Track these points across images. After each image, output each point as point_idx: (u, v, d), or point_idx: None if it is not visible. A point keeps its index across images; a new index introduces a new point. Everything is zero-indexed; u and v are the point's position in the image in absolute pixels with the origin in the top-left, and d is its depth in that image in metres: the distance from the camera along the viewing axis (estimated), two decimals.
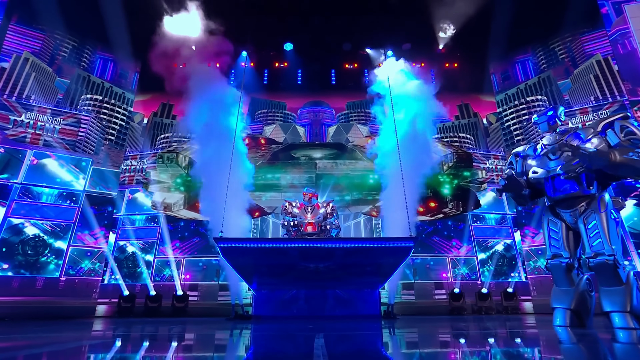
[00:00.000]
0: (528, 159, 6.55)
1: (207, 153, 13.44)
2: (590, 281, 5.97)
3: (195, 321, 9.81)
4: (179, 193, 19.63)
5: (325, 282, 10.24)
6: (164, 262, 18.70)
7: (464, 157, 20.34)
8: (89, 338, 5.28)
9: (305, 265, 9.22)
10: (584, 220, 5.76)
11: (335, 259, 8.97)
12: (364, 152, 21.54)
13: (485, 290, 13.14)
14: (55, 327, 6.84)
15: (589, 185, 5.84)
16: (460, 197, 19.79)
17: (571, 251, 5.93)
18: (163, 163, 19.72)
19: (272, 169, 20.33)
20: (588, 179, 5.80)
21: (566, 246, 5.94)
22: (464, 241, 19.32)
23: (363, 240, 10.42)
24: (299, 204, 12.10)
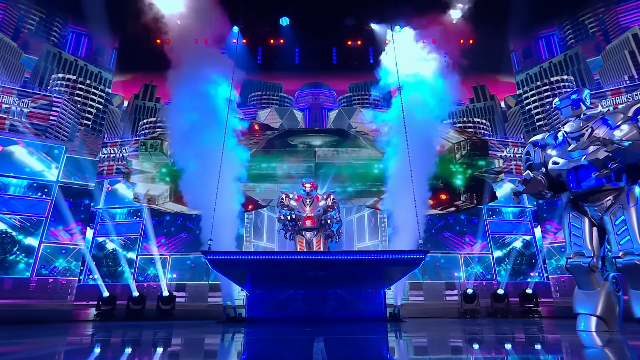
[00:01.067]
0: (548, 149, 6.47)
1: (194, 140, 13.39)
2: (617, 280, 5.94)
3: (182, 325, 9.87)
4: (164, 184, 19.63)
5: (326, 284, 10.32)
6: (148, 260, 18.78)
7: (479, 145, 20.29)
8: (65, 344, 5.31)
9: (304, 273, 9.36)
10: (610, 215, 5.69)
11: (337, 268, 9.11)
12: (369, 139, 21.51)
13: (501, 291, 13.19)
14: (26, 332, 6.88)
15: (618, 177, 5.72)
16: (475, 188, 19.80)
17: (595, 250, 5.84)
18: (146, 151, 19.69)
19: (267, 157, 20.30)
20: (616, 171, 5.74)
21: (589, 244, 5.86)
22: (478, 237, 19.37)
23: (367, 253, 10.56)
24: (297, 196, 12.12)
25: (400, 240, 13.21)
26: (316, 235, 11.76)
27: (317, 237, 11.74)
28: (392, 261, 9.26)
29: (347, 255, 8.85)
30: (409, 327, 8.06)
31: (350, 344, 4.61)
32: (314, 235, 11.75)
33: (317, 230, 11.81)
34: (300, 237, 11.86)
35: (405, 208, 11.91)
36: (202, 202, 12.32)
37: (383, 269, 9.42)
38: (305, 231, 11.79)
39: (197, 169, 12.93)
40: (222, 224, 11.62)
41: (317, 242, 11.74)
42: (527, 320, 11.22)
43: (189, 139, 13.62)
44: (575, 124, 6.23)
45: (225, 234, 12.02)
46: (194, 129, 13.43)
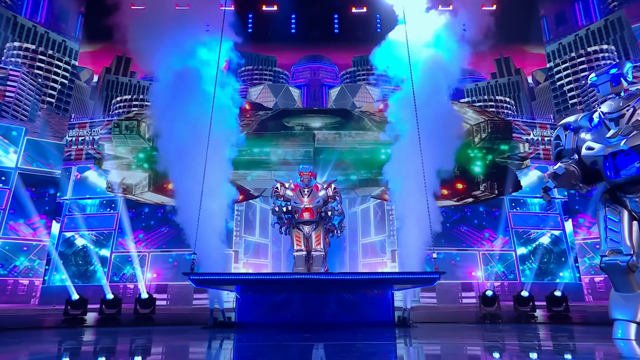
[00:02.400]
0: (581, 132, 6.39)
1: (177, 122, 13.34)
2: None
3: (164, 331, 9.92)
4: (142, 171, 19.57)
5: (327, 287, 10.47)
6: (124, 258, 18.76)
7: (502, 126, 20.17)
8: (26, 355, 5.32)
9: (303, 288, 9.63)
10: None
11: (339, 285, 9.33)
12: (375, 121, 21.44)
13: (525, 293, 13.26)
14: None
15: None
16: (496, 176, 19.72)
17: (635, 246, 5.77)
18: (120, 133, 19.56)
19: (259, 141, 20.26)
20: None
21: (628, 240, 5.79)
22: (499, 232, 19.33)
23: (373, 274, 10.73)
24: (294, 185, 12.10)
25: (410, 234, 13.23)
26: (315, 230, 11.76)
27: (317, 232, 11.74)
28: (401, 280, 9.57)
29: (350, 276, 9.01)
30: (420, 333, 8.10)
31: (353, 352, 4.62)
32: (313, 229, 11.74)
33: (317, 224, 11.81)
34: (297, 231, 11.87)
35: (415, 199, 11.94)
36: (185, 193, 12.33)
37: (391, 284, 9.69)
38: (303, 225, 11.79)
39: (179, 155, 12.90)
40: (208, 218, 11.64)
41: (317, 237, 11.75)
42: (556, 326, 11.28)
43: (169, 121, 13.57)
44: (614, 103, 6.15)
45: (211, 227, 12.04)
46: (175, 110, 13.36)
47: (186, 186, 12.12)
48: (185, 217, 12.85)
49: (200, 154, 11.14)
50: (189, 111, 13.10)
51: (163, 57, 13.77)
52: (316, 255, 11.64)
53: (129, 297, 16.07)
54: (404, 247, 14.45)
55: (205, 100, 12.50)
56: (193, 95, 13.35)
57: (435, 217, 11.92)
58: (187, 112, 13.15)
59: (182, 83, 13.59)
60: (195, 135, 11.99)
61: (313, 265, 11.94)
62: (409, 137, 13.05)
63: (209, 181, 11.24)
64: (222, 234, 13.59)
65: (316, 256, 11.64)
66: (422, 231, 11.75)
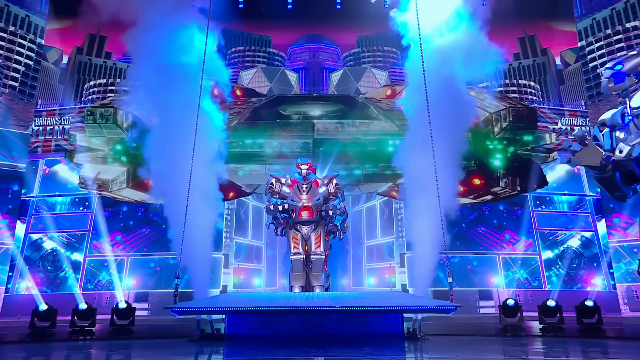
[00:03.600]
0: (617, 130, 6.29)
1: (160, 109, 13.28)
2: None
3: (144, 345, 9.86)
4: (119, 165, 19.45)
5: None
6: (99, 263, 18.68)
7: (525, 114, 19.99)
8: None
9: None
10: None
11: (344, 316, 9.40)
12: (382, 108, 21.35)
13: (552, 302, 13.17)
14: None
15: None
16: (518, 171, 19.58)
17: None
18: (95, 122, 19.40)
19: (252, 131, 20.17)
20: None
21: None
22: (521, 233, 19.22)
23: (381, 298, 10.68)
24: (291, 181, 12.06)
25: (420, 236, 13.18)
26: (315, 231, 11.72)
27: (316, 233, 11.71)
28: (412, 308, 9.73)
29: (354, 305, 8.97)
30: (432, 347, 8.04)
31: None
32: (312, 230, 11.71)
33: (316, 224, 11.77)
34: (295, 232, 11.83)
35: (426, 196, 11.89)
36: (169, 191, 12.27)
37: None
38: (301, 225, 11.72)
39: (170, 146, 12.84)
40: (194, 217, 11.58)
41: (316, 240, 11.72)
42: (587, 341, 11.21)
43: (150, 110, 13.51)
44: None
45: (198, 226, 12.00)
46: (157, 97, 13.31)
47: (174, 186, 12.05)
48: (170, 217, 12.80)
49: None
50: (170, 98, 13.02)
51: (142, 35, 13.66)
52: (316, 259, 11.63)
53: (105, 307, 16.01)
54: (415, 249, 14.42)
55: (190, 87, 12.39)
56: (174, 79, 13.25)
57: (449, 213, 11.88)
58: (168, 98, 13.07)
59: (162, 65, 13.49)
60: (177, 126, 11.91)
61: (312, 270, 11.93)
62: (420, 127, 12.94)
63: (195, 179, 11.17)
64: (208, 235, 13.52)
65: (316, 260, 11.63)
66: (435, 232, 11.68)
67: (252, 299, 10.28)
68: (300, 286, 12.05)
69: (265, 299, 10.24)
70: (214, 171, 14.14)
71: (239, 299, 10.29)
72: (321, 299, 10.37)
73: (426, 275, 12.13)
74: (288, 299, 10.55)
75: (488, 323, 14.20)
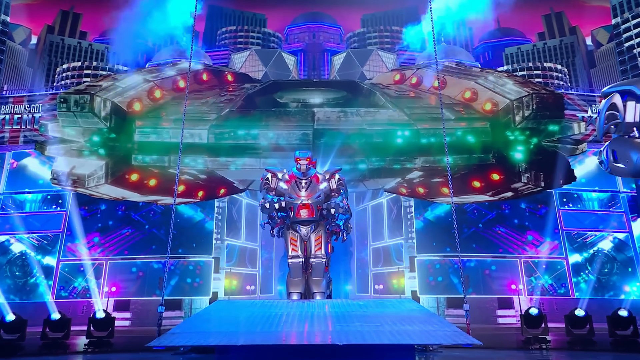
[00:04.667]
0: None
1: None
2: None
3: (125, 359, 9.77)
4: (96, 159, 19.32)
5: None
6: (75, 268, 18.64)
7: (551, 101, 19.77)
8: None
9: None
10: None
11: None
12: (390, 95, 21.25)
13: (581, 311, 13.10)
14: None
15: None
16: (542, 165, 19.32)
17: None
18: (69, 110, 19.22)
19: (245, 121, 20.05)
20: None
21: None
22: (546, 234, 19.21)
23: (392, 323, 10.53)
24: (288, 176, 11.94)
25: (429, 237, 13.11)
26: (315, 231, 11.60)
27: (317, 234, 11.59)
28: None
29: (360, 342, 8.83)
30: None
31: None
32: (312, 230, 11.58)
33: (317, 224, 11.65)
34: (293, 233, 11.72)
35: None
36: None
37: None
38: (300, 225, 11.62)
39: None
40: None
41: (317, 241, 11.61)
42: (621, 355, 11.14)
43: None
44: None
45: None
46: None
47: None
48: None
49: None
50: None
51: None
52: (316, 263, 11.53)
53: (81, 317, 15.95)
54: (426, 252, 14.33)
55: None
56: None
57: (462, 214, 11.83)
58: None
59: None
60: None
61: (312, 275, 11.81)
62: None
63: None
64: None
65: (316, 264, 11.53)
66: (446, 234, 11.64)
67: (246, 319, 10.07)
68: (299, 293, 11.84)
69: (260, 318, 10.02)
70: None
71: (230, 319, 10.06)
72: (322, 316, 10.23)
73: (437, 282, 12.01)
74: (287, 314, 10.40)
75: (508, 334, 14.14)
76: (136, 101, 19.14)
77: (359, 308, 10.84)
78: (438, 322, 9.24)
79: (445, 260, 19.82)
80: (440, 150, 16.89)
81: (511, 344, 12.95)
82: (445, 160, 12.10)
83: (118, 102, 18.67)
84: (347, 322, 9.29)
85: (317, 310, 10.63)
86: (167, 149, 18.65)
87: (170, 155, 18.61)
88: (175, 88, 20.62)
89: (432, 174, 19.53)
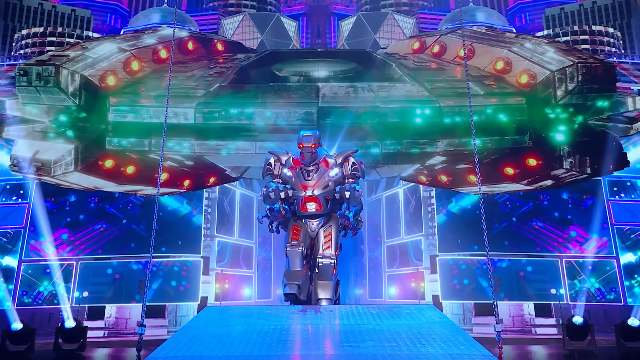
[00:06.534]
0: None
1: None
2: None
3: None
4: (64, 142, 19.26)
5: None
6: (40, 270, 18.73)
7: (600, 72, 19.45)
8: None
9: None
10: None
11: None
12: (407, 67, 21.12)
13: (635, 321, 13.06)
14: None
15: None
16: (589, 148, 19.06)
17: None
18: (30, 85, 19.10)
19: (238, 98, 19.95)
20: None
21: None
22: (592, 230, 19.21)
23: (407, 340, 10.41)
24: (293, 160, 11.69)
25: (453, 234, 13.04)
26: (324, 226, 11.43)
27: (327, 229, 11.42)
28: None
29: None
30: None
31: None
32: (321, 224, 11.43)
33: (327, 217, 11.49)
34: (298, 222, 11.49)
35: None
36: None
37: None
38: (308, 219, 11.50)
39: None
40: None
41: (326, 238, 11.43)
42: None
43: None
44: None
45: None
46: None
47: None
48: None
49: None
50: None
51: None
52: (324, 264, 11.28)
53: (47, 327, 15.99)
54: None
55: None
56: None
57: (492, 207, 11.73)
58: None
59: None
60: None
61: (319, 278, 11.60)
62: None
63: None
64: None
65: (324, 265, 11.29)
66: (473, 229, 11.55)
67: (241, 335, 9.96)
68: (296, 285, 11.38)
69: (258, 333, 9.90)
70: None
71: (222, 336, 9.95)
72: (328, 331, 10.13)
73: (463, 287, 11.94)
74: (289, 328, 10.32)
75: (547, 347, 14.12)
76: (110, 74, 18.91)
77: (372, 319, 10.76)
78: (465, 342, 9.02)
79: (472, 260, 19.79)
80: (466, 132, 16.71)
81: (551, 358, 12.93)
82: (472, 143, 11.95)
83: (88, 75, 18.45)
84: (358, 339, 9.17)
85: (323, 322, 10.56)
86: (147, 130, 18.51)
87: (151, 138, 18.49)
88: (155, 59, 20.48)
89: (457, 160, 19.38)
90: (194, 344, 9.42)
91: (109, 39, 21.17)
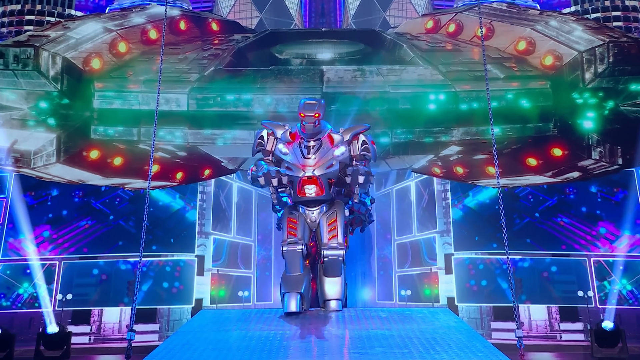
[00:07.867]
0: None
1: None
2: None
3: None
4: (45, 131, 19.28)
5: None
6: (19, 270, 18.80)
7: (633, 52, 19.43)
8: None
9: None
10: None
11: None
12: (420, 48, 21.07)
13: None
14: None
15: None
16: (620, 136, 19.02)
17: None
18: (7, 68, 19.12)
19: (235, 83, 19.98)
20: None
21: None
22: (624, 227, 19.21)
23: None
24: (290, 134, 10.75)
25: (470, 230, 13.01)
26: (328, 212, 10.64)
27: (331, 217, 10.50)
28: None
29: None
30: None
31: None
32: (323, 212, 10.65)
33: (330, 203, 10.77)
34: (294, 213, 10.82)
35: None
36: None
37: None
38: (306, 207, 10.80)
39: None
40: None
41: (331, 226, 10.55)
42: None
43: None
44: None
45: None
46: None
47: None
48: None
49: None
50: None
51: None
52: (331, 257, 10.26)
53: (28, 332, 16.02)
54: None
55: None
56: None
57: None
58: None
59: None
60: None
61: (325, 274, 10.94)
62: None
63: None
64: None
65: (330, 260, 10.39)
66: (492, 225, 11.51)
67: (238, 342, 9.89)
68: (298, 294, 10.53)
69: (257, 340, 9.80)
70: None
71: (219, 342, 9.87)
72: (334, 335, 10.02)
73: (480, 288, 11.91)
74: (290, 333, 10.24)
75: (575, 354, 14.10)
76: (95, 57, 18.87)
77: (381, 323, 10.67)
78: (483, 349, 8.91)
79: (491, 260, 19.77)
80: (484, 119, 16.64)
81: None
82: (490, 132, 11.86)
83: (71, 57, 18.42)
84: (366, 346, 9.10)
85: (328, 326, 10.47)
86: (136, 118, 18.51)
87: (141, 126, 18.50)
88: (145, 40, 20.47)
89: (475, 150, 19.36)
90: (188, 350, 9.37)
91: (94, 18, 21.15)
